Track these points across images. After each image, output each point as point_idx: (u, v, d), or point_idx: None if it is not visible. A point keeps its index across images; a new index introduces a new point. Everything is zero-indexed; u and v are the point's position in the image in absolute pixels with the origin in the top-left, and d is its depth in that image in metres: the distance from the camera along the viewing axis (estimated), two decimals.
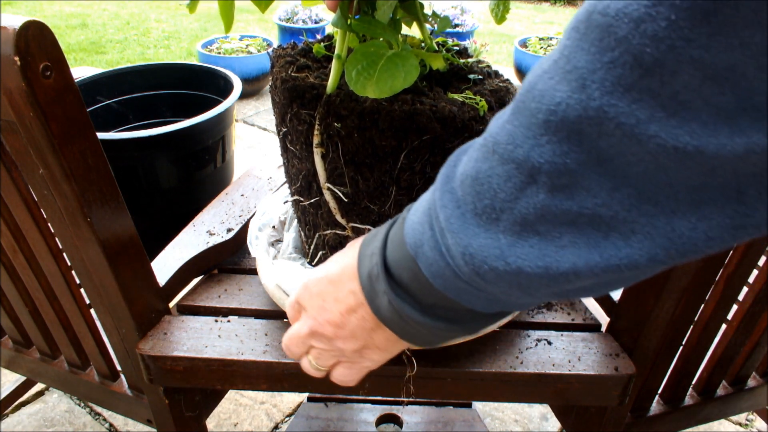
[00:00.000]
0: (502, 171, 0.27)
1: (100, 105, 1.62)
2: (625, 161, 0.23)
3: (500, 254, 0.28)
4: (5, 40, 0.41)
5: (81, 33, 3.97)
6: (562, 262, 0.27)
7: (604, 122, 0.22)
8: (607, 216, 0.25)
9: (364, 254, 0.37)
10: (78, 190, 0.49)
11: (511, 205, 0.27)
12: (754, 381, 0.75)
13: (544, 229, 0.27)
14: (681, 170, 0.22)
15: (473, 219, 0.29)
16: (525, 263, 0.27)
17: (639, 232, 0.25)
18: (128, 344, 0.62)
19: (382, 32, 0.50)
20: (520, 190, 0.26)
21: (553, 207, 0.26)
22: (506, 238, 0.28)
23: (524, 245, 0.27)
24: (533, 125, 0.25)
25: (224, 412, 1.23)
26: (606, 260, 0.26)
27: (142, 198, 1.40)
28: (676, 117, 0.21)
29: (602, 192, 0.24)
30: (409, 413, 1.12)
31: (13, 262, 0.62)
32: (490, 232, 0.28)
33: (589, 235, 0.26)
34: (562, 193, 0.25)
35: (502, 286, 0.29)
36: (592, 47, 0.22)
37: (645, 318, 0.57)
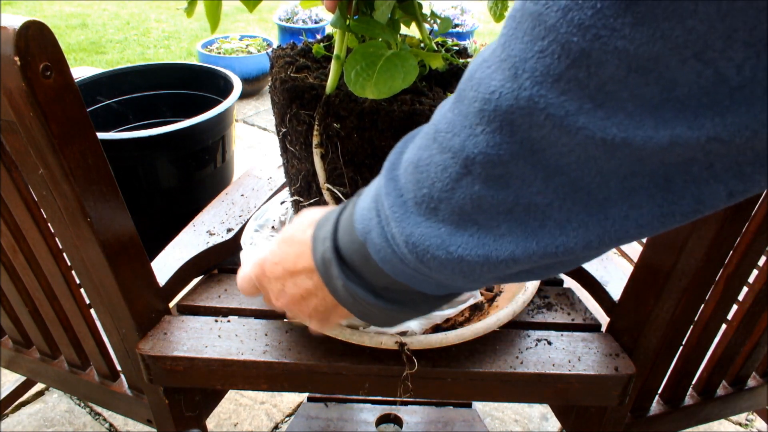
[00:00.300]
0: (440, 160, 0.27)
1: (100, 105, 1.62)
2: (557, 152, 0.23)
3: (441, 243, 0.28)
4: (5, 40, 0.41)
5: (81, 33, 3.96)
6: (501, 251, 0.27)
7: (534, 113, 0.22)
8: (543, 204, 0.25)
9: (317, 237, 0.37)
10: (78, 190, 0.49)
11: (449, 195, 0.27)
12: (754, 381, 0.75)
13: (482, 218, 0.27)
14: (610, 161, 0.22)
15: (414, 208, 0.29)
16: (466, 252, 0.28)
17: (573, 221, 0.25)
18: (128, 344, 0.62)
19: (381, 32, 0.50)
20: (456, 180, 0.27)
21: (488, 197, 0.26)
22: (446, 228, 0.28)
23: (464, 234, 0.28)
24: (470, 114, 0.25)
25: (224, 412, 1.23)
26: (543, 248, 0.26)
27: (142, 198, 1.40)
28: (603, 108, 0.21)
29: (536, 182, 0.25)
30: (409, 413, 1.12)
31: (13, 262, 0.62)
32: (431, 221, 0.28)
33: (526, 224, 0.26)
34: (496, 183, 0.25)
35: (445, 273, 0.29)
36: (525, 36, 0.22)
37: (645, 318, 0.57)
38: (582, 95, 0.21)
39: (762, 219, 0.53)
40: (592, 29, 0.20)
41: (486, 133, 0.25)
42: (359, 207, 0.34)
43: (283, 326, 0.63)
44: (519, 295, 0.60)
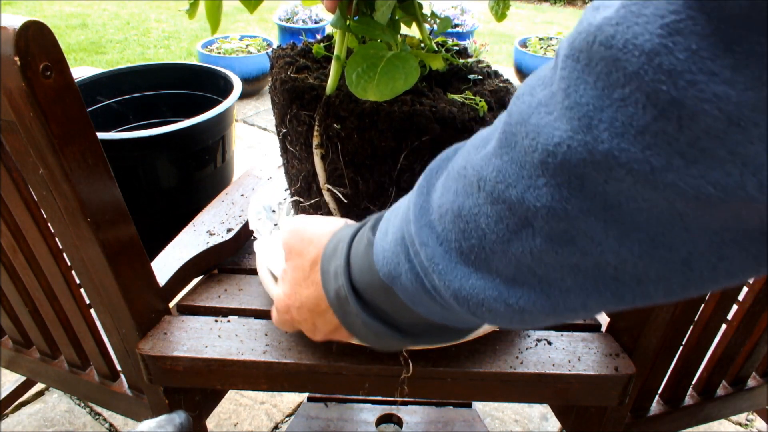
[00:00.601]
0: (492, 211, 0.25)
1: (100, 105, 1.62)
2: (636, 207, 0.21)
3: (498, 296, 0.26)
4: (5, 40, 0.41)
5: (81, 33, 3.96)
6: (571, 302, 0.25)
7: (614, 168, 0.20)
8: (615, 262, 0.23)
9: (327, 272, 0.36)
10: (78, 190, 0.49)
11: (505, 248, 0.25)
12: (754, 381, 0.75)
13: (545, 272, 0.25)
14: (702, 217, 0.20)
15: (460, 258, 0.27)
16: (528, 304, 0.26)
17: (652, 275, 0.23)
18: (128, 344, 0.62)
19: (381, 33, 0.50)
20: (513, 232, 0.25)
21: (551, 252, 0.24)
22: (502, 280, 0.26)
23: (524, 286, 0.26)
24: (527, 164, 0.23)
25: (224, 412, 1.23)
26: (619, 298, 0.24)
27: (142, 198, 1.40)
28: (697, 166, 0.19)
29: (608, 239, 0.23)
30: (409, 413, 1.12)
31: (13, 262, 0.62)
32: (483, 273, 0.27)
33: (597, 279, 0.24)
34: (561, 238, 0.24)
35: (502, 321, 0.28)
36: (598, 82, 0.20)
37: (645, 318, 0.57)
38: (671, 151, 0.19)
39: None
40: (686, 75, 0.17)
41: (550, 186, 0.22)
42: (379, 248, 0.32)
43: None
44: None
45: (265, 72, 2.94)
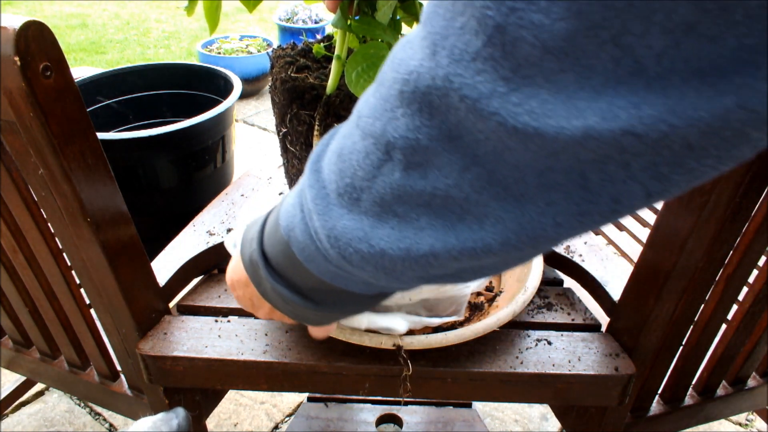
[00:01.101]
0: (362, 147, 0.26)
1: (100, 105, 1.62)
2: (473, 139, 0.22)
3: (363, 236, 0.27)
4: (5, 40, 0.41)
5: (81, 33, 3.96)
6: (421, 245, 0.26)
7: (449, 94, 0.21)
8: (460, 198, 0.24)
9: (245, 239, 0.36)
10: (78, 190, 0.49)
11: (370, 184, 0.26)
12: (754, 381, 0.75)
13: (402, 210, 0.25)
14: (525, 153, 0.21)
15: (337, 199, 0.27)
16: (387, 245, 0.26)
17: (491, 216, 0.24)
18: (128, 344, 0.62)
19: (382, 33, 0.50)
20: (377, 167, 0.25)
21: (408, 187, 0.25)
22: (368, 220, 0.26)
23: (385, 227, 0.26)
24: (390, 97, 0.24)
25: (224, 412, 1.23)
26: (462, 243, 0.25)
27: (142, 198, 1.40)
28: (517, 93, 0.20)
29: (453, 172, 0.23)
30: (409, 413, 1.12)
31: (13, 262, 0.62)
32: (353, 213, 0.27)
33: (446, 217, 0.25)
34: (416, 171, 0.24)
35: (368, 269, 0.28)
36: (446, 12, 0.21)
37: (645, 318, 0.57)
38: (496, 77, 0.20)
39: (762, 219, 0.53)
40: (508, 1, 0.18)
41: (406, 116, 0.23)
42: (284, 204, 0.32)
43: (283, 326, 0.63)
44: (519, 295, 0.60)
45: (265, 72, 2.94)
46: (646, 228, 1.08)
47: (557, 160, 0.21)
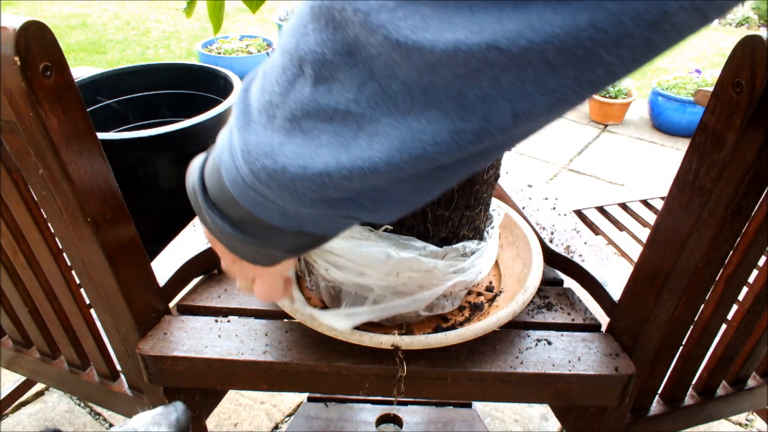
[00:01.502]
0: (280, 63, 0.26)
1: (100, 105, 1.62)
2: (368, 54, 0.23)
3: (270, 151, 0.27)
4: (5, 40, 0.41)
5: (81, 33, 3.96)
6: (317, 162, 0.26)
7: (346, 7, 0.22)
8: (357, 113, 0.24)
9: (192, 168, 0.36)
10: (78, 190, 0.49)
11: (284, 99, 0.26)
12: (754, 381, 0.74)
13: (309, 126, 0.26)
14: (410, 68, 0.22)
15: (257, 116, 0.28)
16: (288, 162, 0.27)
17: (381, 133, 0.24)
18: (128, 344, 0.62)
19: None
20: (291, 82, 0.26)
21: (315, 102, 0.25)
22: (279, 136, 0.27)
23: (291, 143, 0.27)
24: (304, 13, 0.25)
25: (224, 412, 1.23)
26: (352, 161, 0.25)
27: (142, 198, 1.40)
28: (404, 9, 0.21)
29: (353, 87, 0.24)
30: (409, 413, 1.12)
31: (13, 262, 0.62)
32: (268, 130, 0.27)
33: (343, 134, 0.25)
34: (323, 86, 0.25)
35: (274, 187, 0.28)
36: None
37: (645, 318, 0.57)
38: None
39: (762, 219, 0.53)
40: None
41: (315, 32, 0.24)
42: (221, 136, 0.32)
43: (283, 326, 0.63)
44: (519, 295, 0.60)
45: None
46: (646, 228, 1.08)
47: (438, 76, 0.22)
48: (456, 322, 0.63)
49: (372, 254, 0.51)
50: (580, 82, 0.21)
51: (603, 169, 2.34)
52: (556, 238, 0.75)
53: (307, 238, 0.34)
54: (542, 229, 0.77)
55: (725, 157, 0.45)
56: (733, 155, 0.45)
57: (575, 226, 0.78)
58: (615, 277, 0.68)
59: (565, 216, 0.81)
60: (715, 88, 0.45)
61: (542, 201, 0.83)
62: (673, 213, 0.52)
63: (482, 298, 0.67)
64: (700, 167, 0.48)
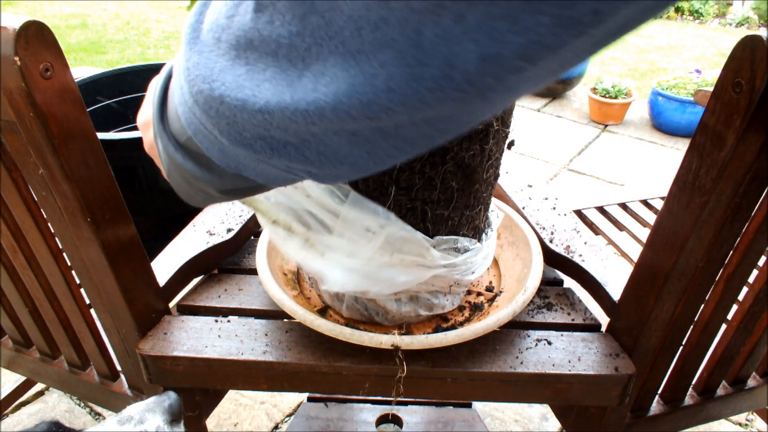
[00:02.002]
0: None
1: (100, 105, 1.62)
2: None
3: (209, 76, 0.25)
4: (5, 40, 0.41)
5: (81, 33, 3.96)
6: (258, 98, 0.24)
7: None
8: (302, 49, 0.22)
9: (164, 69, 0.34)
10: (78, 190, 0.49)
11: (229, 23, 0.25)
12: (754, 381, 0.74)
13: (253, 57, 0.24)
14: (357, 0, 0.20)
15: (205, 35, 0.26)
16: (226, 91, 0.25)
17: (328, 74, 0.22)
18: (128, 344, 0.62)
19: None
20: (236, 6, 0.24)
21: (256, 32, 0.23)
22: (222, 62, 0.25)
23: (232, 72, 0.25)
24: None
25: (224, 412, 1.23)
26: (296, 102, 0.23)
27: (142, 198, 1.40)
28: None
29: (296, 19, 0.22)
30: (409, 413, 1.12)
31: (13, 262, 0.62)
32: (213, 53, 0.26)
33: (287, 71, 0.23)
34: (264, 15, 0.23)
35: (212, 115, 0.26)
36: None
37: (645, 318, 0.57)
38: None
39: (762, 219, 0.53)
40: None
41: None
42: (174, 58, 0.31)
43: (283, 326, 0.63)
44: (519, 295, 0.60)
45: None
46: (646, 228, 1.08)
47: (390, 10, 0.19)
48: (456, 322, 0.63)
49: (365, 225, 0.49)
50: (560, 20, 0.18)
51: (603, 169, 2.34)
52: (556, 238, 0.75)
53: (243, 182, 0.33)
54: (542, 229, 0.77)
55: (725, 157, 0.45)
56: (733, 155, 0.45)
57: (575, 226, 0.78)
58: (615, 277, 0.68)
59: (565, 216, 0.81)
60: (715, 88, 0.45)
61: (542, 201, 0.83)
62: (673, 213, 0.52)
63: (482, 298, 0.67)
64: (700, 167, 0.48)
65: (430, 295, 0.59)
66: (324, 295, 0.63)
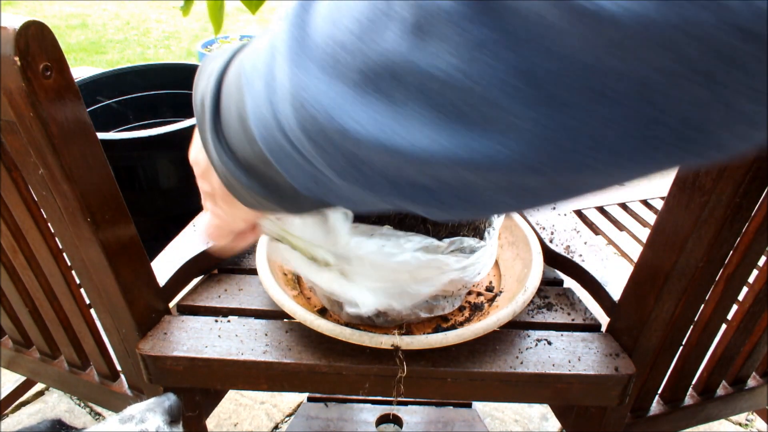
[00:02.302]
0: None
1: (100, 105, 1.62)
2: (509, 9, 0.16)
3: (333, 107, 0.21)
4: (5, 40, 0.41)
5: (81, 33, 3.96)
6: (404, 141, 0.20)
7: None
8: (465, 87, 0.18)
9: (203, 72, 0.29)
10: (78, 190, 0.49)
11: (361, 46, 0.20)
12: (754, 381, 0.74)
13: (400, 94, 0.19)
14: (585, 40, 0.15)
15: (319, 54, 0.21)
16: (359, 129, 0.21)
17: (504, 121, 0.18)
18: (128, 344, 0.62)
19: None
20: (373, 22, 0.19)
21: (410, 63, 0.18)
22: (348, 91, 0.21)
23: (368, 108, 0.20)
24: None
25: (224, 412, 1.23)
26: (458, 150, 0.19)
27: (142, 198, 1.40)
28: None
29: (465, 49, 0.17)
30: (409, 413, 1.12)
31: (13, 262, 0.62)
32: (333, 78, 0.21)
33: (440, 109, 0.19)
34: (426, 42, 0.18)
35: (325, 147, 0.22)
36: None
37: (645, 318, 0.57)
38: None
39: (762, 219, 0.53)
40: None
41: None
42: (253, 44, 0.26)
43: (283, 326, 0.63)
44: (519, 295, 0.60)
45: None
46: (646, 228, 1.08)
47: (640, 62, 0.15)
48: (456, 322, 0.63)
49: (384, 251, 0.50)
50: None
51: None
52: (556, 238, 0.75)
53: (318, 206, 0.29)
54: (542, 229, 0.77)
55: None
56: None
57: (575, 226, 0.78)
58: (615, 277, 0.68)
59: (565, 216, 0.81)
60: None
61: None
62: (673, 213, 0.52)
63: (482, 298, 0.67)
64: (700, 167, 0.48)
65: (432, 298, 0.59)
66: (323, 300, 0.63)
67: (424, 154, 0.20)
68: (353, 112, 0.21)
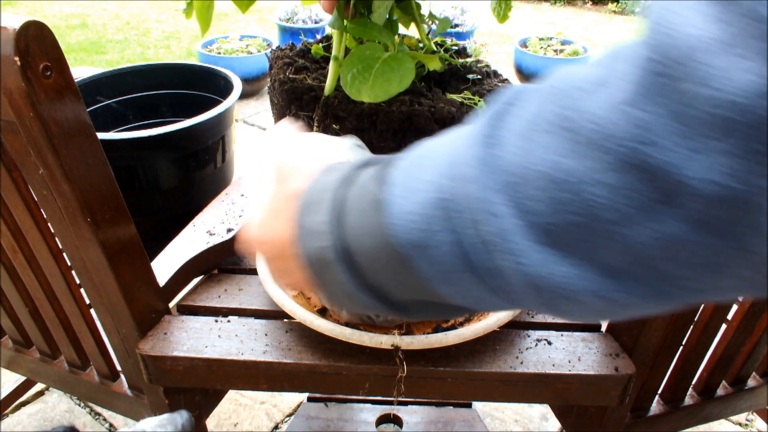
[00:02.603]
0: (619, 181, 0.18)
1: (100, 105, 1.62)
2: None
3: (597, 289, 0.20)
4: (5, 40, 0.41)
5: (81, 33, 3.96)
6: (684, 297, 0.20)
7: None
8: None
9: (305, 227, 0.29)
10: (78, 190, 0.49)
11: (619, 230, 0.19)
12: (754, 381, 0.75)
13: (669, 268, 0.19)
14: None
15: (547, 238, 0.20)
16: (631, 297, 0.20)
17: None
18: (128, 344, 0.62)
19: (378, 35, 0.50)
20: (643, 210, 0.18)
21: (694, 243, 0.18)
22: (604, 269, 0.20)
23: (629, 279, 0.20)
24: (693, 120, 0.16)
25: (224, 412, 1.23)
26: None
27: (142, 198, 1.40)
28: None
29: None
30: (409, 413, 1.12)
31: (13, 262, 0.62)
32: (578, 259, 0.20)
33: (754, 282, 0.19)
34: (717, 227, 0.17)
35: (581, 314, 0.22)
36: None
37: (645, 318, 0.57)
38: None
39: None
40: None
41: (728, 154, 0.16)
42: (403, 210, 0.24)
43: (283, 326, 0.63)
44: None
45: (265, 72, 2.94)
46: None
47: None
48: (456, 321, 0.63)
49: None
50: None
51: None
52: None
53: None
54: None
55: None
56: None
57: None
58: None
59: None
60: None
61: None
62: None
63: None
64: None
65: None
66: (322, 299, 0.63)
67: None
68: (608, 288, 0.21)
